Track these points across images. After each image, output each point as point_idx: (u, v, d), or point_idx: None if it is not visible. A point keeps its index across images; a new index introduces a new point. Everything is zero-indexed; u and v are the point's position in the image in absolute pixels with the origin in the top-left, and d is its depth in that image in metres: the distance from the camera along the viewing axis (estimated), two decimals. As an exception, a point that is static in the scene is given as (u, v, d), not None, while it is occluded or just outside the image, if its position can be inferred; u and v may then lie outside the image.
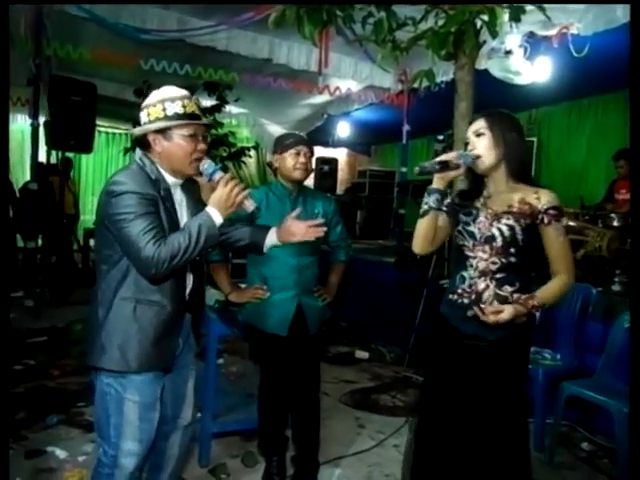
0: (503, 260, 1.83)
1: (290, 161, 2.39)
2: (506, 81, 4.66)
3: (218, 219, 1.71)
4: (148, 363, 1.75)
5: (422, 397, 2.15)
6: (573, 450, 3.03)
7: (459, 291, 1.89)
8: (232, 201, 1.71)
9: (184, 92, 1.79)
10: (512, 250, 1.82)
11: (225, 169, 1.93)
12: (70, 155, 6.86)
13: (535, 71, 4.67)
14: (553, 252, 1.82)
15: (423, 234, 1.91)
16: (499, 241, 1.83)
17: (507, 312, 1.72)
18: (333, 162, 8.10)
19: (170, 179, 1.80)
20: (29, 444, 2.77)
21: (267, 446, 2.56)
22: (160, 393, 1.82)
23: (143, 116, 1.78)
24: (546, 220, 1.80)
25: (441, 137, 4.48)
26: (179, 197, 1.85)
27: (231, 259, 5.73)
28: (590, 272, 3.72)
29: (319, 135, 8.64)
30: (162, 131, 1.75)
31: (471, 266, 1.87)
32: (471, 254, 1.88)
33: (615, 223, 4.17)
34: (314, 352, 2.54)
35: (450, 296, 1.93)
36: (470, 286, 1.86)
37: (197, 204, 1.90)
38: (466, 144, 1.90)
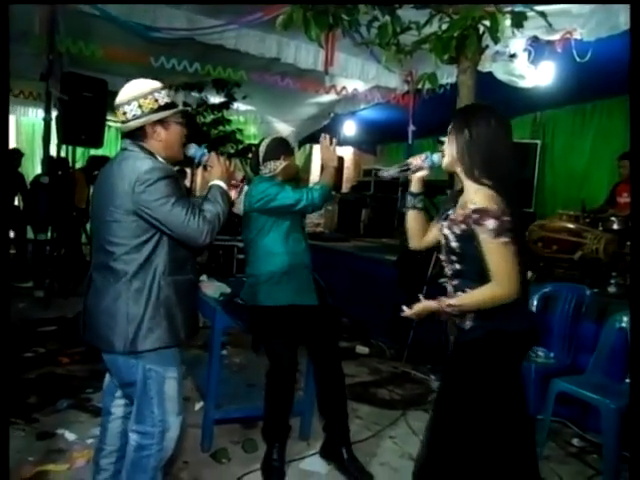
0: (450, 266, 1.82)
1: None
2: (510, 84, 4.72)
3: (225, 188, 1.97)
4: (191, 330, 1.97)
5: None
6: (563, 446, 3.12)
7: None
8: (229, 172, 2.01)
9: (159, 83, 1.92)
10: (453, 258, 1.77)
11: (209, 150, 2.15)
12: (100, 153, 6.79)
13: (539, 75, 4.73)
14: (483, 258, 1.63)
15: (409, 231, 2.07)
16: (442, 248, 1.85)
17: (416, 306, 1.80)
18: (339, 160, 8.16)
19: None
20: (40, 426, 2.89)
21: (271, 432, 2.64)
22: None
23: (132, 109, 1.83)
24: (471, 224, 1.64)
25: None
26: None
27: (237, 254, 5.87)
28: (587, 274, 3.80)
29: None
30: (160, 121, 1.88)
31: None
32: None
33: (615, 226, 4.21)
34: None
35: None
36: (444, 288, 1.91)
37: None
38: None
